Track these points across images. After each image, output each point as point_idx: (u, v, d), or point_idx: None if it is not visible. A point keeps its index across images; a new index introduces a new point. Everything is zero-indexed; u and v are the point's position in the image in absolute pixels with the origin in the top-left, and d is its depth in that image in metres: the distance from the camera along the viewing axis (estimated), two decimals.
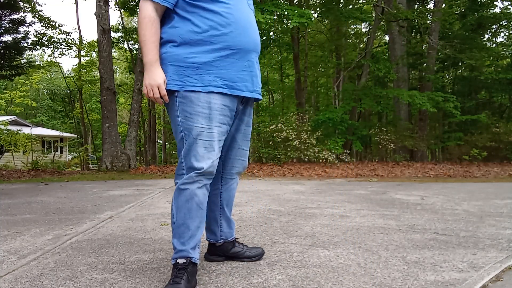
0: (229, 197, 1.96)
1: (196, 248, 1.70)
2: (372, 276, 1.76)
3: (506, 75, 13.44)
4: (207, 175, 1.69)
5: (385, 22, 13.59)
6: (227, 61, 1.66)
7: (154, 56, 1.63)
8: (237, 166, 1.92)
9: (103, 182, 6.99)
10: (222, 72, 1.65)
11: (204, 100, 1.64)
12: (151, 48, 1.62)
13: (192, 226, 1.68)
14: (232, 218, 2.02)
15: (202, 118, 1.64)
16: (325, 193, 4.91)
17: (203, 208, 1.72)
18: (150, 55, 1.62)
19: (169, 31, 1.65)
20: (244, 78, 1.72)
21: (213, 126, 1.66)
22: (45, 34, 15.27)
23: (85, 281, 1.73)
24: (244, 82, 1.72)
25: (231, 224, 2.01)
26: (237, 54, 1.68)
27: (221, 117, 1.68)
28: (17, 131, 14.89)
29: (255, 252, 2.01)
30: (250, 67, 1.75)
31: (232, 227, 2.01)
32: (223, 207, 1.95)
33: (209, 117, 1.65)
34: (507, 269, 1.83)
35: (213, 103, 1.65)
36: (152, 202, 4.12)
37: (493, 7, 15.25)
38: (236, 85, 1.70)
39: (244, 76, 1.72)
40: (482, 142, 11.62)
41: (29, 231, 2.76)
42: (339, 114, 11.97)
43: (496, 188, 5.54)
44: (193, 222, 1.68)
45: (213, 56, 1.63)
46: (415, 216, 3.22)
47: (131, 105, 11.63)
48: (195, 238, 1.69)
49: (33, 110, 35.50)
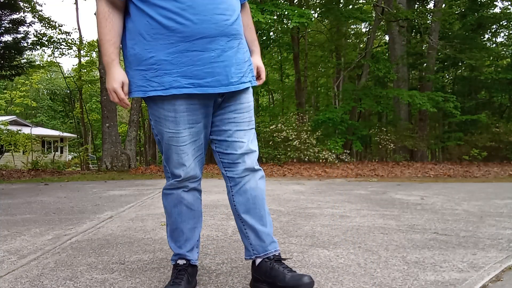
0: (246, 201, 1.60)
1: (194, 249, 1.67)
2: (372, 276, 1.76)
3: (506, 75, 13.45)
4: (190, 179, 1.59)
5: (385, 22, 13.59)
6: (189, 55, 1.41)
7: (110, 56, 1.47)
8: (239, 162, 1.58)
9: (103, 182, 6.99)
10: (185, 70, 1.42)
11: (168, 104, 1.46)
12: (107, 48, 1.47)
13: (186, 229, 1.63)
14: (265, 228, 1.62)
15: (170, 122, 1.49)
16: (325, 193, 4.91)
17: (195, 208, 1.64)
18: (106, 55, 1.48)
19: (130, 27, 1.47)
20: (214, 72, 1.44)
21: (182, 130, 1.50)
22: (45, 34, 15.27)
23: (85, 281, 1.73)
24: (214, 76, 1.45)
25: (262, 234, 1.60)
26: (199, 45, 1.41)
27: (191, 117, 1.50)
28: (17, 131, 14.91)
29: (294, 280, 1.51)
30: (220, 57, 1.45)
31: (265, 239, 1.60)
32: (240, 215, 1.61)
33: (176, 121, 1.48)
34: (507, 269, 1.83)
35: (178, 106, 1.46)
36: (152, 202, 4.12)
37: (493, 7, 15.26)
38: (205, 81, 1.44)
39: (213, 69, 1.44)
40: (482, 142, 11.62)
41: (29, 231, 2.76)
42: (339, 114, 11.97)
43: (496, 188, 5.54)
44: (186, 225, 1.63)
45: (171, 52, 1.41)
46: (415, 216, 3.22)
47: (131, 105, 11.63)
48: (192, 240, 1.65)
49: (33, 110, 35.50)
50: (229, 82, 1.48)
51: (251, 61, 1.62)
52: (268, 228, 1.63)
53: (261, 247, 1.60)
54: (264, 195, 1.64)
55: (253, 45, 1.71)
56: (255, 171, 1.62)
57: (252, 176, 1.60)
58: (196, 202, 1.65)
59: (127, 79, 1.49)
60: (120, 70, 1.48)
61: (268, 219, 1.64)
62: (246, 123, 1.60)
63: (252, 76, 1.62)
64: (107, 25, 1.45)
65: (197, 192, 1.66)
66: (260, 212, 1.61)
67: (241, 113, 1.58)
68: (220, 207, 3.70)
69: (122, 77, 1.48)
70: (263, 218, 1.61)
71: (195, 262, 1.68)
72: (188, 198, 1.62)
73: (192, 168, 1.57)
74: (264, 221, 1.62)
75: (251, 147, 1.60)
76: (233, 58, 1.49)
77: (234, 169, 1.58)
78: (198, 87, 1.44)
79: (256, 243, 1.61)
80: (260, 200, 1.61)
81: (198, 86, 1.44)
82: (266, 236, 1.61)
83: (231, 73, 1.48)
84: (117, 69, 1.48)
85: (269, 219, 1.66)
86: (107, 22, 1.45)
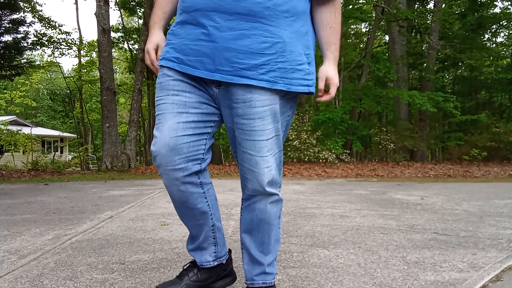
0: (250, 221, 1.41)
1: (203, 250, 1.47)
2: (372, 276, 1.76)
3: (506, 75, 13.46)
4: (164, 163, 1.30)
5: (385, 22, 13.60)
6: (185, 27, 1.29)
7: (153, 18, 1.44)
8: (248, 177, 1.34)
9: (103, 182, 6.99)
10: (178, 42, 1.31)
11: (161, 70, 1.37)
12: (154, 10, 1.45)
13: (189, 225, 1.46)
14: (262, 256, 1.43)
15: (158, 90, 1.37)
16: (325, 193, 4.91)
17: (189, 206, 1.39)
18: (151, 18, 1.46)
19: None
20: (199, 51, 1.25)
21: (163, 96, 1.33)
22: (45, 34, 15.29)
23: (85, 281, 1.73)
24: (199, 57, 1.26)
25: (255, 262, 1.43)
26: (194, 18, 1.27)
27: (177, 83, 1.32)
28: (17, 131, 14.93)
29: None
30: (211, 36, 1.23)
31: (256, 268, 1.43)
32: (241, 232, 1.46)
33: (161, 86, 1.35)
34: (507, 269, 1.83)
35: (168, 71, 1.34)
36: (152, 202, 4.12)
37: (493, 7, 15.26)
38: (188, 59, 1.28)
39: (199, 48, 1.25)
40: (482, 142, 11.63)
41: (29, 231, 2.76)
42: (339, 114, 11.98)
43: (496, 188, 5.54)
44: (187, 221, 1.45)
45: (177, 22, 1.34)
46: (415, 216, 3.22)
47: (131, 105, 11.64)
48: (197, 238, 1.47)
49: (33, 110, 35.51)
50: (215, 68, 1.24)
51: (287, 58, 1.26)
52: (267, 258, 1.42)
53: (249, 274, 1.44)
54: (275, 221, 1.42)
55: (327, 49, 1.39)
56: (266, 195, 1.37)
57: (262, 198, 1.38)
58: (189, 199, 1.37)
59: (163, 43, 1.42)
60: (159, 33, 1.43)
61: (271, 248, 1.43)
62: (258, 132, 1.29)
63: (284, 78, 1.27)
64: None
65: (193, 186, 1.36)
66: (263, 238, 1.41)
67: (251, 119, 1.28)
68: (220, 207, 3.68)
69: (158, 40, 1.42)
70: (264, 245, 1.42)
71: (203, 264, 1.48)
72: (177, 193, 1.36)
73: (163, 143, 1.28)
74: (264, 249, 1.42)
75: (262, 165, 1.31)
76: (233, 42, 1.22)
77: (245, 183, 1.38)
78: (181, 63, 1.29)
79: (246, 267, 1.46)
80: (265, 225, 1.40)
81: (181, 62, 1.29)
82: (259, 266, 1.42)
83: (223, 58, 1.23)
84: (155, 32, 1.43)
85: (274, 248, 1.44)
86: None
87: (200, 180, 1.38)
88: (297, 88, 1.30)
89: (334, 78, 1.37)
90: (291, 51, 1.26)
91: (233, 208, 3.65)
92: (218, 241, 1.48)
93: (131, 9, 18.38)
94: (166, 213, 3.44)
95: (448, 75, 18.38)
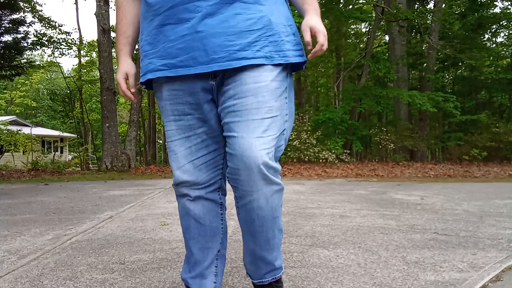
0: (251, 222, 1.25)
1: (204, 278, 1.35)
2: (372, 276, 1.76)
3: (506, 75, 13.46)
4: (187, 184, 1.30)
5: (385, 22, 13.59)
6: (163, 30, 1.20)
7: (118, 46, 1.39)
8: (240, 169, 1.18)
9: (103, 182, 6.99)
10: (160, 48, 1.21)
11: (157, 91, 1.30)
12: (117, 37, 1.40)
13: (195, 248, 1.34)
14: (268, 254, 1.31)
15: (162, 113, 1.32)
16: (325, 193, 4.91)
17: (205, 223, 1.34)
18: (116, 46, 1.41)
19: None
20: (188, 47, 1.16)
21: (166, 122, 1.30)
22: (45, 34, 15.29)
23: (85, 281, 1.73)
24: (189, 53, 1.17)
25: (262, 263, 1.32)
26: (172, 16, 1.17)
27: (175, 107, 1.26)
28: (17, 131, 14.93)
29: None
30: (195, 27, 1.15)
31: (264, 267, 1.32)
32: (242, 232, 1.33)
33: (163, 110, 1.30)
34: (507, 269, 1.83)
35: (162, 92, 1.27)
36: (152, 202, 4.12)
37: (493, 7, 15.26)
38: (178, 60, 1.18)
39: (187, 44, 1.16)
40: (482, 142, 11.63)
41: (29, 231, 2.76)
42: (339, 114, 11.97)
43: (496, 188, 5.54)
44: (195, 243, 1.35)
45: (150, 30, 1.25)
46: (415, 216, 3.22)
47: (131, 105, 11.64)
48: (201, 263, 1.35)
49: (33, 110, 35.52)
50: (210, 59, 1.16)
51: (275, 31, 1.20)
52: (274, 254, 1.31)
53: (257, 274, 1.34)
54: (278, 213, 1.27)
55: (304, 2, 1.29)
56: (267, 182, 1.18)
57: (262, 190, 1.18)
58: (206, 215, 1.34)
59: (132, 70, 1.38)
60: (127, 60, 1.39)
61: (276, 241, 1.31)
62: (251, 110, 1.16)
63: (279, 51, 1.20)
64: (119, 14, 1.39)
65: (211, 203, 1.35)
66: (267, 235, 1.27)
67: (242, 97, 1.17)
68: None
69: (127, 68, 1.37)
70: (269, 242, 1.28)
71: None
72: (195, 209, 1.33)
73: (187, 171, 1.29)
74: (270, 245, 1.29)
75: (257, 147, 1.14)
76: (218, 26, 1.15)
77: (236, 177, 1.19)
78: (172, 68, 1.20)
79: (252, 268, 1.34)
80: (269, 222, 1.25)
81: (172, 67, 1.20)
82: (266, 265, 1.32)
83: (214, 46, 1.15)
84: (123, 60, 1.39)
85: (279, 240, 1.32)
86: (120, 10, 1.39)
87: (221, 200, 1.39)
88: (294, 59, 1.24)
89: (318, 25, 1.22)
90: (276, 23, 1.21)
91: (233, 208, 3.64)
92: (219, 271, 1.39)
93: None
94: (166, 213, 3.44)
95: (448, 75, 18.38)
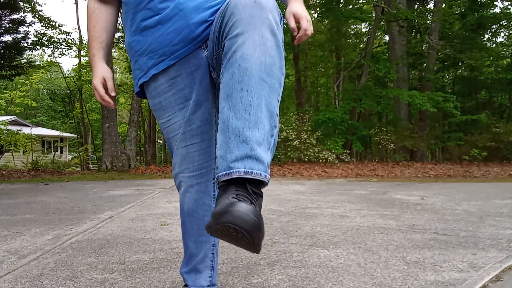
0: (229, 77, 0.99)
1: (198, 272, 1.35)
2: (372, 276, 1.76)
3: (506, 75, 13.46)
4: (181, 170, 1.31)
5: (385, 22, 13.60)
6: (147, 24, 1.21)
7: (92, 51, 1.36)
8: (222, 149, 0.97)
9: (103, 182, 6.99)
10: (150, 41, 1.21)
11: (151, 89, 1.28)
12: (90, 43, 1.37)
13: (190, 242, 1.35)
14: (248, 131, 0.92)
15: (159, 111, 1.29)
16: (325, 193, 4.91)
17: (197, 216, 1.31)
18: (89, 51, 1.38)
19: None
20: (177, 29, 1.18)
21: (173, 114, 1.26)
22: (45, 34, 15.28)
23: (85, 281, 1.73)
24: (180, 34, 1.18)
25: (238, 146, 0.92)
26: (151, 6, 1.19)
27: (178, 94, 1.23)
28: (17, 131, 14.92)
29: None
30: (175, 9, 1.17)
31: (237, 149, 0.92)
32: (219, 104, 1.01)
33: (162, 107, 1.28)
34: (507, 269, 1.83)
35: (159, 86, 1.25)
36: (152, 202, 4.12)
37: (493, 7, 15.26)
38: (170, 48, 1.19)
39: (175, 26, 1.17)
40: (482, 142, 11.64)
41: (29, 231, 2.76)
42: (339, 114, 11.98)
43: (496, 188, 5.54)
44: (189, 237, 1.35)
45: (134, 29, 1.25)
46: (415, 216, 3.22)
47: (131, 105, 11.64)
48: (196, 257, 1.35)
49: (33, 110, 35.51)
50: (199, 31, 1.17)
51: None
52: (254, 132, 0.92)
53: (224, 160, 0.92)
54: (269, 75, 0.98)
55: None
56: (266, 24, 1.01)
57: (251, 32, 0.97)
58: (201, 209, 1.31)
59: (110, 74, 1.36)
60: (102, 65, 1.36)
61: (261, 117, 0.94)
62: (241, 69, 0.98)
63: None
64: (91, 20, 1.37)
65: (203, 195, 1.30)
66: (249, 98, 0.94)
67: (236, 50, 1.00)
68: None
69: (103, 72, 1.35)
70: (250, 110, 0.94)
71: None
72: (188, 202, 1.31)
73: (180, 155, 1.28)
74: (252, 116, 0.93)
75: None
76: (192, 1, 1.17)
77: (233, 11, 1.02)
78: (166, 57, 1.20)
79: (221, 152, 0.94)
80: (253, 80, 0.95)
81: (165, 55, 1.20)
82: (241, 145, 0.91)
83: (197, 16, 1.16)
84: (98, 64, 1.36)
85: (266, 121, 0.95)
86: (92, 17, 1.37)
87: (214, 192, 1.31)
88: None
89: (300, 11, 1.18)
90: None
91: None
92: (214, 266, 1.38)
93: None
94: (166, 213, 3.44)
95: (448, 75, 18.39)
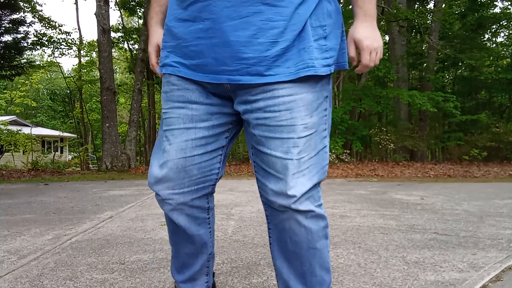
0: (284, 244, 1.11)
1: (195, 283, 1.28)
2: (372, 276, 1.76)
3: (506, 75, 13.46)
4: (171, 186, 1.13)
5: (385, 22, 13.59)
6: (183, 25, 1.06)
7: (150, 13, 1.26)
8: (272, 188, 1.04)
9: (103, 182, 6.99)
10: (178, 43, 1.08)
11: (164, 78, 1.16)
12: (151, 4, 1.27)
13: (182, 252, 1.25)
14: None
15: (164, 101, 1.16)
16: (325, 193, 4.91)
17: (191, 233, 1.20)
18: (149, 14, 1.28)
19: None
20: (201, 52, 1.03)
21: (169, 109, 1.12)
22: (45, 34, 15.28)
23: (85, 281, 1.73)
24: (201, 58, 1.03)
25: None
26: (191, 12, 1.03)
27: (182, 93, 1.10)
28: (17, 131, 14.93)
29: None
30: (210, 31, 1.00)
31: None
32: (273, 257, 1.16)
33: (167, 97, 1.14)
34: (507, 269, 1.83)
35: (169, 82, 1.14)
36: (152, 202, 4.12)
37: (493, 7, 15.27)
38: (191, 63, 1.05)
39: (199, 48, 1.02)
40: (482, 142, 11.63)
41: (29, 231, 2.76)
42: (339, 114, 11.97)
43: (496, 188, 5.54)
44: (182, 248, 1.25)
45: (172, 19, 1.10)
46: (415, 216, 3.22)
47: (131, 105, 11.63)
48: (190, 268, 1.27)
49: (33, 110, 35.52)
50: (220, 69, 1.01)
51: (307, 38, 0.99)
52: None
53: None
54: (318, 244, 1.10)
55: (356, 5, 1.09)
56: (298, 212, 1.04)
57: (293, 215, 1.05)
58: (195, 224, 1.20)
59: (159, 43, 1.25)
60: (158, 29, 1.24)
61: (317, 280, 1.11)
62: (286, 128, 1.01)
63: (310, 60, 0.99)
64: None
65: (196, 210, 1.19)
66: (303, 267, 1.09)
67: (276, 111, 1.01)
68: (220, 207, 3.70)
69: (157, 39, 1.23)
70: (306, 276, 1.09)
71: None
72: (179, 221, 1.18)
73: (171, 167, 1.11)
74: (308, 282, 1.10)
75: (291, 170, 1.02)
76: (233, 33, 0.97)
77: (266, 196, 1.08)
78: (185, 68, 1.08)
79: None
80: (304, 250, 1.08)
81: (185, 67, 1.08)
82: None
83: (226, 57, 0.99)
84: (154, 29, 1.24)
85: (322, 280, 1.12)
86: None
87: (209, 205, 1.23)
88: (323, 70, 1.02)
89: (363, 40, 1.04)
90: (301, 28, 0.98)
91: (233, 208, 3.65)
92: (210, 270, 1.31)
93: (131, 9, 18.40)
94: None
95: (448, 75, 18.39)
